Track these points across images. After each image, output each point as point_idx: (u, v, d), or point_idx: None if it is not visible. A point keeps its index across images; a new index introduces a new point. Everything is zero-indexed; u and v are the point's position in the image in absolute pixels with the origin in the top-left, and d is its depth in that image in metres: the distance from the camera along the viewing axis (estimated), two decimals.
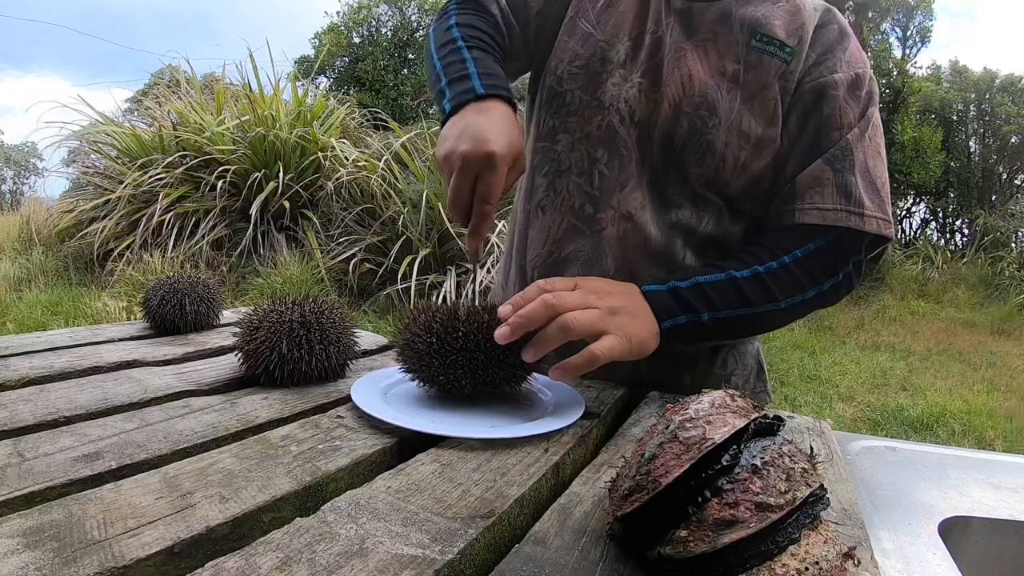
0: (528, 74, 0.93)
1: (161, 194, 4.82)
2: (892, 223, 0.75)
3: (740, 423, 0.38)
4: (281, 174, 4.91)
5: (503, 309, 0.62)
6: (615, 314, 0.64)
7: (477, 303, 0.67)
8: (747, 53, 0.76)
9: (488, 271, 4.15)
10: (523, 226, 0.89)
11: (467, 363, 0.62)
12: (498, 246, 4.24)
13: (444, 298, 4.07)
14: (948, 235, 9.45)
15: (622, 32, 0.80)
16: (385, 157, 4.91)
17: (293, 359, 0.69)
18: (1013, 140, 8.79)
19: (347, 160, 5.04)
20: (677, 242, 0.80)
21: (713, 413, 0.39)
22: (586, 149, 0.81)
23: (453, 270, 4.31)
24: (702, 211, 0.80)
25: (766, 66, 0.76)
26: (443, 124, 0.71)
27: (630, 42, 0.79)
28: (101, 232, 4.84)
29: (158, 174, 4.92)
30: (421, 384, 0.67)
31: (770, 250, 0.75)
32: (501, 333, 0.60)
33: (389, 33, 11.41)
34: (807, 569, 0.35)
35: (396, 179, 4.86)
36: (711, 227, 0.81)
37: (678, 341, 0.71)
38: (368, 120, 6.57)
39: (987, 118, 9.06)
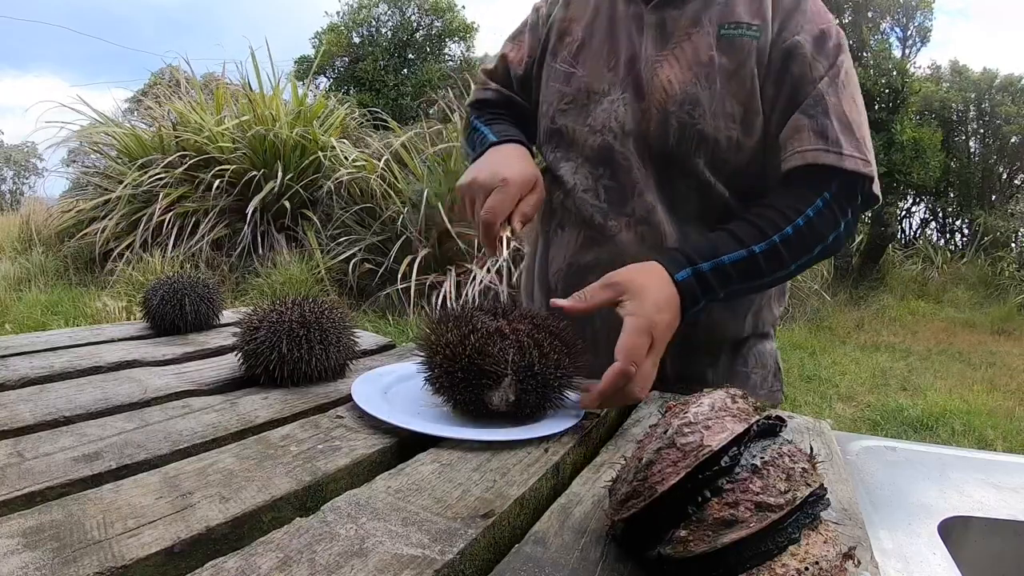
0: None
1: (161, 194, 4.81)
2: (872, 165, 0.78)
3: (739, 428, 0.38)
4: (281, 174, 4.90)
5: (570, 302, 0.68)
6: (664, 344, 0.69)
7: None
8: (719, 41, 0.82)
9: (488, 271, 4.14)
10: (544, 246, 0.96)
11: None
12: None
13: (444, 298, 4.07)
14: (948, 235, 9.44)
15: (600, 64, 0.87)
16: (385, 157, 4.90)
17: (293, 359, 0.69)
18: (1013, 140, 8.78)
19: (347, 160, 5.03)
20: (691, 235, 0.84)
21: (712, 417, 0.39)
22: (588, 171, 0.87)
23: (453, 270, 4.30)
24: (709, 200, 0.84)
25: (738, 47, 0.81)
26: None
27: (611, 73, 0.86)
28: (101, 232, 4.83)
29: (158, 174, 4.91)
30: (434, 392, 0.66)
31: (782, 212, 0.77)
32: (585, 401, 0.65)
33: (389, 33, 11.40)
34: (807, 569, 0.35)
35: (396, 179, 4.86)
36: (720, 214, 0.84)
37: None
38: (368, 120, 6.57)
39: (987, 118, 9.05)
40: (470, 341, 0.60)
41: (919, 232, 9.53)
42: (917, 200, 9.26)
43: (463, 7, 11.79)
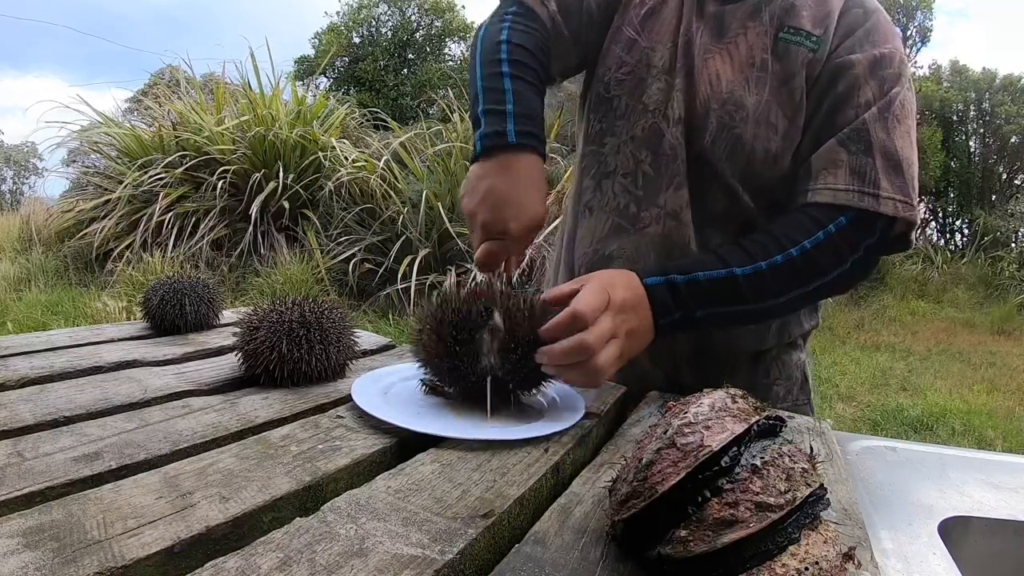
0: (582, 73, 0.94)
1: (161, 194, 4.82)
2: (914, 206, 0.73)
3: (739, 428, 0.38)
4: (281, 174, 4.91)
5: (548, 295, 0.66)
6: (629, 337, 0.66)
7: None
8: (775, 44, 0.77)
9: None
10: (572, 226, 0.92)
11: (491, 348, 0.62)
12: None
13: None
14: (948, 235, 9.44)
15: (665, 38, 0.82)
16: (385, 157, 4.91)
17: (293, 359, 0.69)
18: (1013, 140, 8.78)
19: (347, 160, 5.03)
20: (714, 239, 0.82)
21: (712, 417, 0.39)
22: (631, 151, 0.83)
23: (453, 270, 4.30)
24: (735, 208, 0.81)
25: (793, 55, 0.77)
26: (473, 160, 0.74)
27: (672, 46, 0.82)
28: (101, 232, 4.84)
29: (158, 174, 4.92)
30: (433, 384, 0.68)
31: (778, 241, 0.72)
32: (541, 359, 0.62)
33: (389, 33, 11.41)
34: (807, 569, 0.35)
35: (396, 179, 4.86)
36: (744, 222, 0.81)
37: (673, 332, 0.72)
38: (368, 120, 6.57)
39: (987, 118, 9.05)
40: (454, 302, 0.63)
41: (919, 232, 9.50)
42: (917, 200, 9.25)
43: (463, 7, 11.81)
